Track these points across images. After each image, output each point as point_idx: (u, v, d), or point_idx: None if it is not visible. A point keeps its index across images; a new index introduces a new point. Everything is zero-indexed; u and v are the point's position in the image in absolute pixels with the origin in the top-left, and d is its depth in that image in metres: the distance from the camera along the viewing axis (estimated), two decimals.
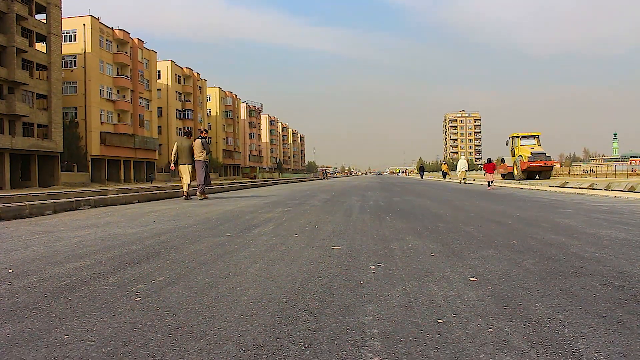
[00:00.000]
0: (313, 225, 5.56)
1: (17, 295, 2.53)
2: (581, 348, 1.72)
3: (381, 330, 1.92)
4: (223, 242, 4.30)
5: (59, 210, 8.27)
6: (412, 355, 1.67)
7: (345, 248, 3.87)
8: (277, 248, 3.92)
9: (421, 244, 4.07)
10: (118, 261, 3.42)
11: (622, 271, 2.92)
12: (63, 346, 1.79)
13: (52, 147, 37.70)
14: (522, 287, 2.55)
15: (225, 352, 1.71)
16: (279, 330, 1.93)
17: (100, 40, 46.69)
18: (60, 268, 3.21)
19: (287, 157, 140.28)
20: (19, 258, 3.62)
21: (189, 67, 67.19)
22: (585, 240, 4.19)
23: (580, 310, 2.15)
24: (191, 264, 3.30)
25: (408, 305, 2.25)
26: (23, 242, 4.47)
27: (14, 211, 7.23)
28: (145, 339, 1.85)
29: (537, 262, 3.21)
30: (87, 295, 2.50)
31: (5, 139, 33.53)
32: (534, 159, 29.02)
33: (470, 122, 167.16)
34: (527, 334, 1.86)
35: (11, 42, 34.35)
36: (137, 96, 52.06)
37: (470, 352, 1.68)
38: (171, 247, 4.01)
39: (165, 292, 2.55)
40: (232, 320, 2.06)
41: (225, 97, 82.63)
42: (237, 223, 5.89)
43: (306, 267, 3.15)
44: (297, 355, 1.67)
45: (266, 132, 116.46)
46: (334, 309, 2.21)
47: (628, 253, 3.53)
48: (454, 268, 3.06)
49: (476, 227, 5.18)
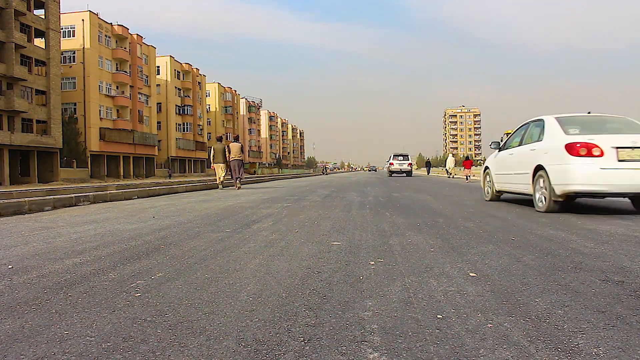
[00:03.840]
0: (312, 220, 5.56)
1: (17, 291, 2.53)
2: (580, 343, 1.72)
3: (381, 325, 1.92)
4: (222, 237, 4.30)
5: (58, 206, 8.27)
6: (411, 351, 1.67)
7: (345, 243, 3.88)
8: (277, 244, 3.92)
9: (421, 239, 4.07)
10: (117, 257, 3.42)
11: (621, 267, 2.92)
12: (63, 342, 1.79)
13: (51, 143, 37.66)
14: (521, 283, 2.56)
15: (225, 347, 1.71)
16: (279, 325, 1.93)
17: (99, 36, 46.55)
18: (60, 264, 3.21)
19: (287, 153, 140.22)
20: (18, 254, 3.62)
21: (188, 62, 67.04)
22: (585, 235, 4.19)
23: (579, 306, 2.15)
24: (191, 259, 3.30)
25: (407, 301, 2.25)
26: (22, 238, 4.47)
27: (13, 207, 7.22)
28: (144, 334, 1.85)
29: (537, 258, 3.21)
30: (87, 291, 2.50)
31: (4, 134, 33.48)
32: None
33: (470, 117, 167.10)
34: (527, 329, 1.86)
35: (10, 38, 34.23)
36: (136, 92, 51.96)
37: (470, 347, 1.68)
38: (171, 243, 4.01)
39: (164, 287, 2.55)
40: (231, 316, 2.06)
41: (224, 92, 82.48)
42: (236, 219, 5.89)
43: (306, 262, 3.15)
44: (297, 351, 1.67)
45: (266, 127, 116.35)
46: (333, 304, 2.21)
47: (628, 249, 3.54)
48: (454, 263, 3.06)
49: (476, 223, 5.18)
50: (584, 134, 6.06)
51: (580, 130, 6.28)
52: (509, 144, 8.03)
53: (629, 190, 5.78)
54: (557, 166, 6.03)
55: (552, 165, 6.15)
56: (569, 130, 6.28)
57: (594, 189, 5.76)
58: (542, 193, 6.36)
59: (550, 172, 6.12)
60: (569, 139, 5.99)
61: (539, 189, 6.45)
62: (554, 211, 6.11)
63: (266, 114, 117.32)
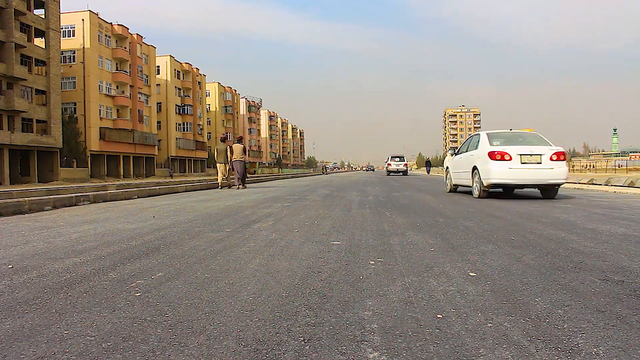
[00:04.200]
0: (312, 220, 5.56)
1: (17, 290, 2.54)
2: (580, 343, 1.72)
3: (381, 325, 1.92)
4: (223, 237, 4.30)
5: (58, 205, 8.27)
6: (411, 350, 1.67)
7: (345, 243, 3.88)
8: (277, 243, 3.92)
9: (421, 239, 4.07)
10: (118, 257, 3.43)
11: (621, 266, 2.92)
12: (63, 341, 1.79)
13: (51, 142, 37.65)
14: (521, 282, 2.56)
15: (225, 347, 1.71)
16: (279, 325, 1.93)
17: (99, 36, 46.52)
18: (60, 263, 3.21)
19: (287, 152, 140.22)
20: (18, 254, 3.63)
21: (188, 62, 67.02)
22: (585, 235, 4.19)
23: (579, 305, 2.15)
24: (191, 259, 3.30)
25: (407, 300, 2.25)
26: (23, 238, 4.47)
27: (14, 207, 7.22)
28: (145, 334, 1.85)
29: (537, 257, 3.21)
30: (87, 291, 2.50)
31: (4, 134, 33.48)
32: None
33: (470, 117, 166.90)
34: (527, 328, 1.87)
35: (10, 38, 34.22)
36: (136, 91, 51.94)
37: (470, 347, 1.68)
38: (171, 243, 4.01)
39: (164, 287, 2.55)
40: (231, 315, 2.06)
41: (224, 92, 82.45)
42: (236, 218, 5.89)
43: (306, 262, 3.15)
44: (297, 350, 1.68)
45: (266, 127, 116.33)
46: (333, 304, 2.21)
47: (627, 248, 3.54)
48: (454, 263, 3.06)
49: (476, 222, 5.19)
50: (502, 145, 8.80)
51: (500, 143, 8.96)
52: (461, 150, 10.74)
53: (527, 182, 8.53)
54: (483, 166, 8.71)
55: (480, 165, 8.84)
56: (493, 142, 9.02)
57: (505, 182, 8.51)
58: (476, 185, 9.09)
59: (480, 171, 8.82)
60: (491, 148, 8.74)
61: (475, 182, 9.16)
62: (483, 197, 8.90)
63: (266, 113, 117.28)
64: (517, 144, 8.79)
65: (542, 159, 8.45)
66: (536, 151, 8.52)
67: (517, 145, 8.69)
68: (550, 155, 8.49)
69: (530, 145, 8.82)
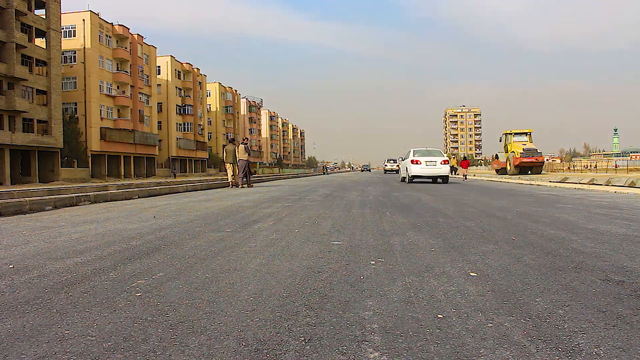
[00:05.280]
0: (313, 220, 5.56)
1: (18, 290, 2.54)
2: (581, 343, 1.72)
3: (381, 325, 1.92)
4: (223, 237, 4.30)
5: (59, 205, 8.28)
6: (412, 350, 1.67)
7: (346, 243, 3.88)
8: (277, 243, 3.92)
9: (421, 239, 4.07)
10: (118, 256, 3.43)
11: (622, 266, 2.92)
12: (64, 341, 1.79)
13: (52, 142, 37.69)
14: (522, 282, 2.56)
15: (226, 347, 1.71)
16: (279, 325, 1.94)
17: (100, 36, 46.56)
18: (61, 263, 3.21)
19: (287, 153, 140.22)
20: (19, 254, 3.63)
21: (188, 62, 67.05)
22: (586, 235, 4.19)
23: (580, 305, 2.15)
24: (191, 259, 3.30)
25: (408, 300, 2.25)
26: (23, 238, 4.47)
27: (14, 207, 7.23)
28: (145, 334, 1.86)
29: (537, 257, 3.21)
30: (88, 291, 2.50)
31: (5, 134, 33.51)
32: (526, 155, 29.54)
33: (471, 117, 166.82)
34: (527, 329, 1.87)
35: (10, 38, 34.26)
36: (137, 91, 51.98)
37: (470, 347, 1.68)
38: (171, 243, 4.01)
39: (165, 287, 2.55)
40: (232, 315, 2.06)
41: (225, 92, 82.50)
42: (237, 218, 5.89)
43: (306, 262, 3.15)
44: (298, 350, 1.68)
45: (266, 127, 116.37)
46: (334, 304, 2.21)
47: (628, 248, 3.54)
48: (454, 263, 3.06)
49: (476, 222, 5.18)
50: (419, 156, 17.08)
51: (418, 155, 17.18)
52: (404, 159, 19.06)
53: (430, 175, 17.05)
54: (409, 167, 17.18)
55: (408, 166, 17.28)
56: (415, 154, 17.31)
57: (419, 174, 16.97)
58: (407, 176, 17.68)
59: (408, 169, 17.38)
60: (413, 158, 17.05)
61: (407, 175, 17.78)
62: (410, 182, 17.69)
63: (267, 113, 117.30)
64: (426, 156, 17.09)
65: (436, 163, 16.84)
66: (433, 159, 16.94)
67: (425, 157, 17.02)
68: (441, 160, 16.92)
69: (432, 156, 17.18)
